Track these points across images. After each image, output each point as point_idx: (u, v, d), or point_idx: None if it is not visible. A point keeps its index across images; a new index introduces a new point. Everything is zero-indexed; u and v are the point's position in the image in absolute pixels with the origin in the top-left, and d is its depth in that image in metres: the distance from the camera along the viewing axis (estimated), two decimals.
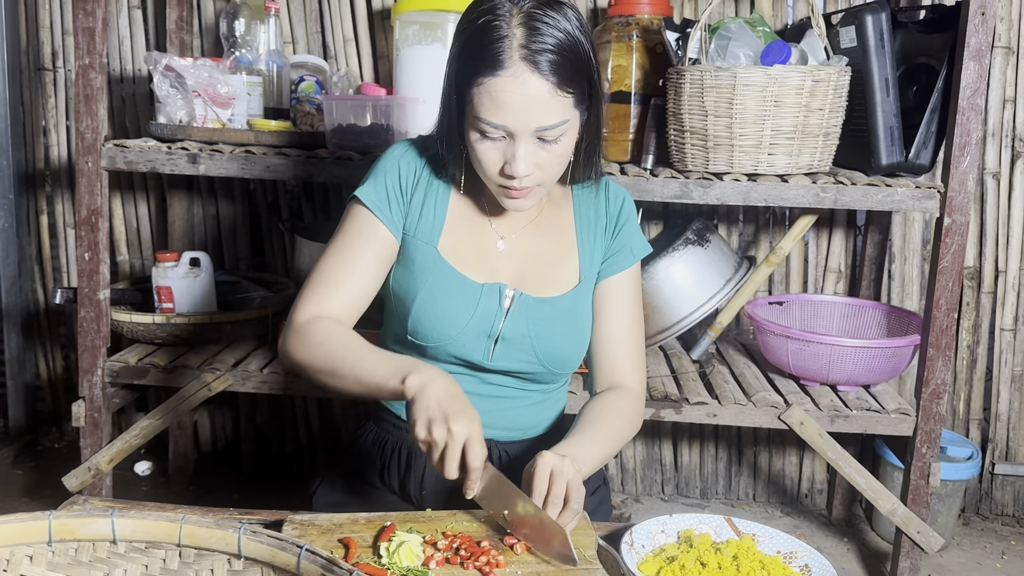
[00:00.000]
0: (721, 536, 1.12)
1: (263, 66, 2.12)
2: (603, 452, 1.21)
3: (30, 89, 2.60)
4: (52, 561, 0.84)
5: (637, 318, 1.34)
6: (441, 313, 1.22)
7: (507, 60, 1.09)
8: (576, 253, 1.31)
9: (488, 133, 1.13)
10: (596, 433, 1.22)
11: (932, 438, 1.91)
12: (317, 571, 0.79)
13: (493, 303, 1.24)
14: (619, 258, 1.32)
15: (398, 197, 1.25)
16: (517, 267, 1.28)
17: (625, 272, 1.32)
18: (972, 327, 2.46)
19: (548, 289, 1.28)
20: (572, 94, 1.12)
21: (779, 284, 2.49)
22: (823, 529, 2.47)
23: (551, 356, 1.27)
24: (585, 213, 1.32)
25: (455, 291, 1.23)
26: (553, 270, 1.29)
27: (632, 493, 2.63)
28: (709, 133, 1.84)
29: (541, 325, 1.26)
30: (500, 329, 1.25)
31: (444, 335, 1.23)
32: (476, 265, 1.26)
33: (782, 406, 1.93)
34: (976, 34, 1.77)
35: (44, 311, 2.75)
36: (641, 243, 1.35)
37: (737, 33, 1.87)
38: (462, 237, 1.27)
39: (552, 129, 1.12)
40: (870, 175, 1.93)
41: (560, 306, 1.27)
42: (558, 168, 1.19)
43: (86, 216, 1.95)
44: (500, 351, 1.26)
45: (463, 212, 1.28)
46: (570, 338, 1.29)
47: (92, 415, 2.02)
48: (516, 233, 1.29)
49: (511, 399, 1.31)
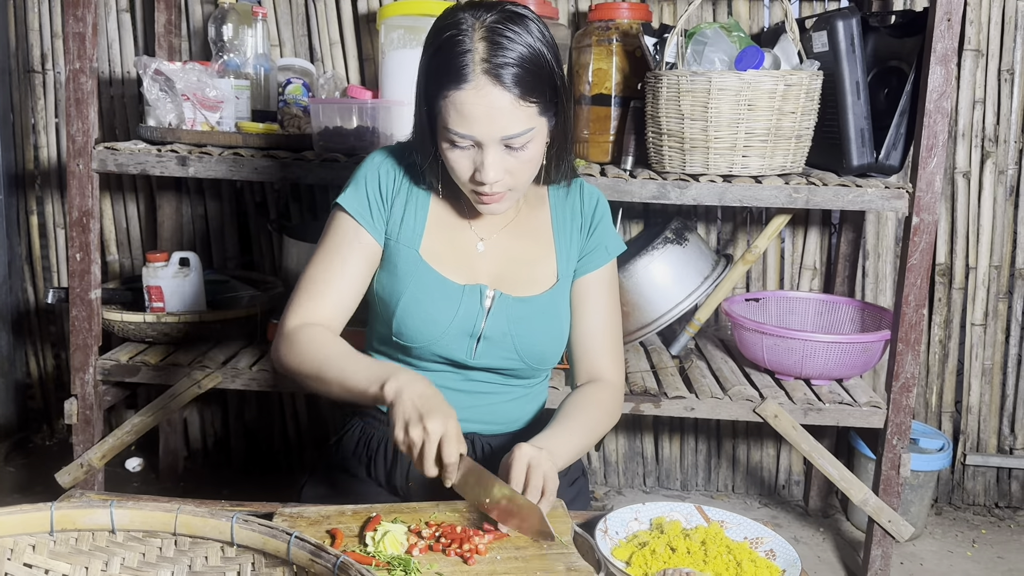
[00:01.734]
0: (691, 523, 1.18)
1: (251, 69, 2.16)
2: (579, 443, 1.26)
3: (19, 91, 2.63)
4: (54, 550, 0.88)
5: (614, 313, 1.39)
6: (424, 315, 1.27)
7: (470, 74, 1.14)
8: (553, 253, 1.36)
9: (457, 143, 1.19)
10: (573, 425, 1.27)
11: (902, 430, 1.98)
12: (306, 557, 0.84)
13: (474, 303, 1.29)
14: (594, 256, 1.37)
15: (379, 203, 1.30)
16: (497, 267, 1.33)
17: (601, 269, 1.37)
18: (944, 322, 2.53)
19: (527, 288, 1.33)
20: (535, 103, 1.17)
21: (756, 281, 2.55)
22: (800, 520, 2.53)
23: (531, 353, 1.33)
24: (561, 214, 1.37)
25: (437, 293, 1.28)
26: (532, 270, 1.34)
27: (614, 485, 2.69)
28: (686, 136, 1.89)
29: (521, 323, 1.31)
30: (482, 329, 1.30)
31: (427, 336, 1.28)
32: (457, 267, 1.31)
33: (757, 400, 1.99)
34: (943, 39, 1.83)
35: (34, 310, 2.78)
36: (616, 241, 1.39)
37: (713, 38, 1.93)
38: (443, 240, 1.32)
39: (517, 137, 1.17)
40: (842, 176, 1.99)
41: (539, 304, 1.33)
42: (528, 173, 1.23)
43: (77, 217, 1.98)
44: (482, 349, 1.31)
45: (443, 216, 1.33)
46: (549, 335, 1.34)
47: (84, 412, 2.06)
48: (495, 235, 1.34)
49: (494, 394, 1.36)
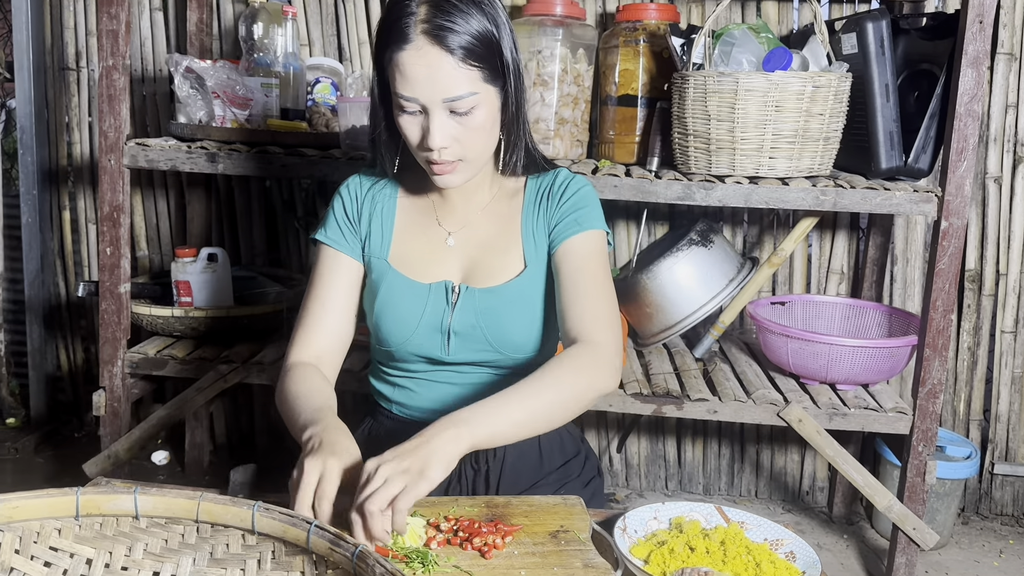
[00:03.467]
0: (711, 523, 1.17)
1: (280, 68, 2.18)
2: (522, 407, 1.13)
3: (54, 88, 2.68)
4: (79, 535, 0.90)
5: (595, 278, 1.29)
6: (394, 317, 1.32)
7: (411, 35, 1.17)
8: (520, 239, 1.34)
9: (405, 107, 1.21)
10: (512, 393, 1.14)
11: (928, 436, 1.95)
12: (325, 546, 0.85)
13: (440, 300, 1.32)
14: (565, 226, 1.32)
15: (348, 225, 1.36)
16: (467, 260, 1.35)
17: (574, 238, 1.30)
18: (973, 329, 2.50)
19: (494, 278, 1.33)
20: (476, 67, 1.18)
21: (782, 284, 2.54)
22: (824, 526, 2.51)
23: (504, 342, 1.32)
24: (532, 200, 1.36)
25: (404, 295, 1.32)
26: (499, 259, 1.34)
27: (636, 488, 2.68)
28: (712, 137, 1.89)
29: (489, 315, 1.31)
30: (450, 323, 1.31)
31: (400, 336, 1.32)
32: (426, 267, 1.34)
33: (781, 403, 1.98)
34: (974, 42, 1.80)
35: (65, 304, 2.82)
36: (591, 216, 1.32)
37: (740, 39, 1.92)
38: (412, 242, 1.35)
39: (459, 100, 1.18)
40: (870, 179, 1.97)
41: (506, 293, 1.32)
42: (477, 143, 1.23)
43: (108, 212, 2.01)
44: (455, 344, 1.32)
45: (412, 218, 1.37)
46: (520, 322, 1.32)
47: (112, 404, 2.09)
48: (464, 228, 1.36)
49: (489, 384, 1.36)
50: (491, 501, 1.16)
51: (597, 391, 1.21)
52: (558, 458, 1.42)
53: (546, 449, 1.41)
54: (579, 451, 1.46)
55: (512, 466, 1.38)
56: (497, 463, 1.38)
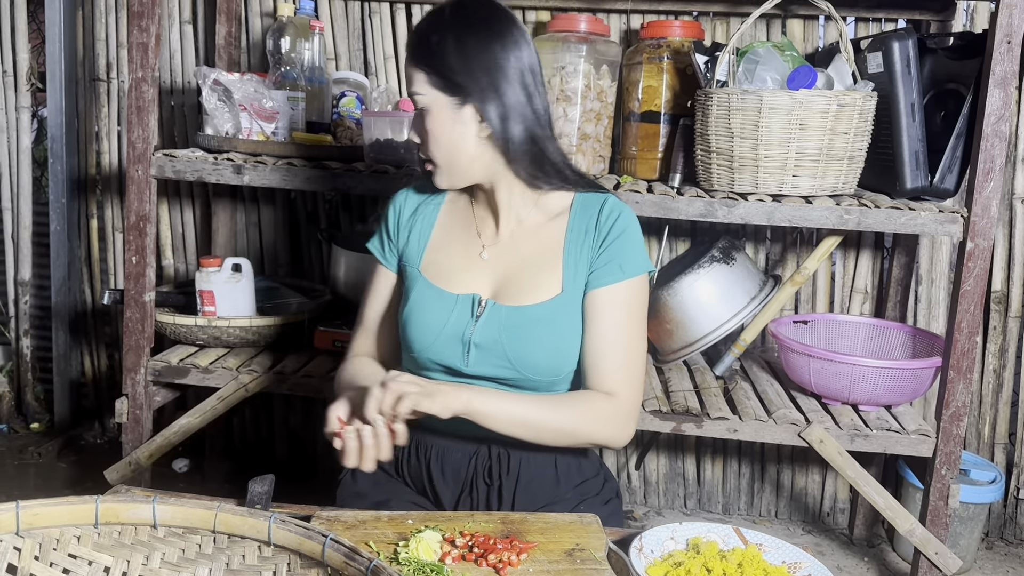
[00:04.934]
0: (728, 544, 1.16)
1: (306, 82, 2.20)
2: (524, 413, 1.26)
3: (84, 98, 2.72)
4: (98, 542, 0.91)
5: (627, 333, 1.32)
6: (419, 322, 1.35)
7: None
8: (560, 263, 1.34)
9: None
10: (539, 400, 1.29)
11: (952, 460, 1.93)
12: (340, 559, 0.85)
13: (466, 311, 1.34)
14: (606, 271, 1.32)
15: (391, 238, 1.45)
16: (499, 275, 1.36)
17: (613, 286, 1.32)
18: (998, 351, 2.46)
19: (526, 297, 1.33)
20: (423, 71, 1.29)
21: (805, 303, 2.52)
22: (844, 548, 2.48)
23: (525, 362, 1.31)
24: (578, 226, 1.35)
25: (432, 302, 1.36)
26: (534, 278, 1.34)
27: (654, 506, 2.67)
28: (735, 154, 1.88)
29: (513, 332, 1.31)
30: (472, 335, 1.32)
31: (422, 342, 1.35)
32: (457, 277, 1.37)
33: (802, 423, 1.96)
34: (1002, 62, 1.79)
35: (91, 311, 2.86)
36: (634, 262, 1.33)
37: (765, 57, 1.92)
38: (447, 253, 1.40)
39: (414, 97, 1.31)
40: (895, 198, 1.96)
41: (535, 314, 1.32)
42: (435, 145, 1.32)
43: (135, 222, 2.04)
44: (475, 357, 1.33)
45: (452, 229, 1.42)
46: (545, 346, 1.31)
47: (134, 412, 2.11)
48: (501, 243, 1.37)
49: None
50: (507, 517, 1.16)
51: (600, 441, 1.31)
52: (575, 478, 1.41)
53: (563, 470, 1.40)
54: (598, 472, 1.46)
55: (526, 484, 1.37)
56: (511, 479, 1.37)
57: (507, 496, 1.38)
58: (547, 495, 1.39)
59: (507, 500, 1.38)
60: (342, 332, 2.18)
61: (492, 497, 1.39)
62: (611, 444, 1.32)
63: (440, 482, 1.40)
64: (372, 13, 2.50)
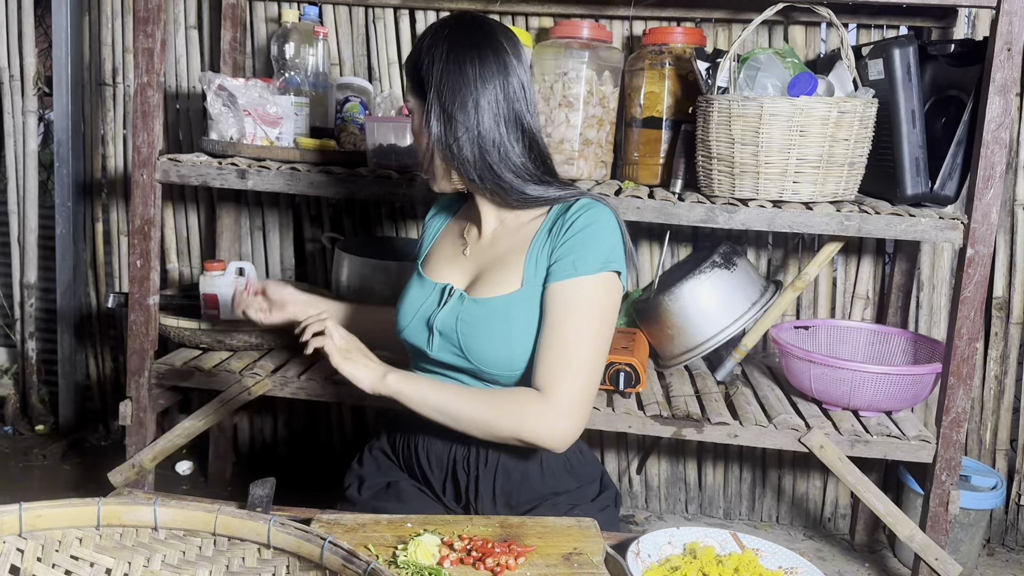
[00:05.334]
0: (725, 549, 1.17)
1: (310, 87, 2.21)
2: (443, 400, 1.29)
3: (90, 103, 2.74)
4: (99, 544, 0.92)
5: (571, 331, 1.28)
6: (404, 305, 1.45)
7: None
8: (524, 259, 1.35)
9: None
10: (455, 388, 1.33)
11: (952, 465, 1.93)
12: (338, 562, 0.86)
13: (436, 298, 1.41)
14: (560, 267, 1.30)
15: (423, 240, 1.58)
16: (474, 270, 1.41)
17: (564, 282, 1.30)
18: (1000, 357, 2.47)
19: (489, 291, 1.36)
20: (408, 73, 1.38)
21: (807, 309, 2.52)
22: (845, 554, 2.48)
23: (475, 353, 1.33)
24: (547, 226, 1.36)
25: (415, 288, 1.46)
26: (499, 274, 1.37)
27: (656, 511, 2.67)
28: (736, 160, 1.89)
29: (468, 323, 1.34)
30: (435, 322, 1.37)
31: (401, 323, 1.44)
32: (440, 269, 1.45)
33: (803, 429, 1.97)
34: (1002, 69, 1.80)
35: (96, 314, 2.88)
36: (589, 259, 1.30)
37: (766, 64, 1.92)
38: (440, 250, 1.50)
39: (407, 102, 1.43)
40: (896, 204, 1.96)
41: (492, 307, 1.33)
42: (416, 147, 1.42)
43: (139, 226, 2.05)
44: (437, 343, 1.37)
45: (450, 233, 1.52)
46: (496, 339, 1.32)
47: (138, 415, 2.12)
48: (482, 241, 1.43)
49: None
50: (505, 521, 1.17)
51: (526, 439, 1.27)
52: (567, 480, 1.42)
53: (548, 468, 1.41)
54: (596, 479, 1.46)
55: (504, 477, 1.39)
56: (488, 471, 1.39)
57: (485, 487, 1.39)
58: (531, 492, 1.40)
59: (486, 491, 1.39)
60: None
61: (471, 487, 1.40)
62: (540, 443, 1.26)
63: (428, 469, 1.44)
64: (376, 19, 2.52)
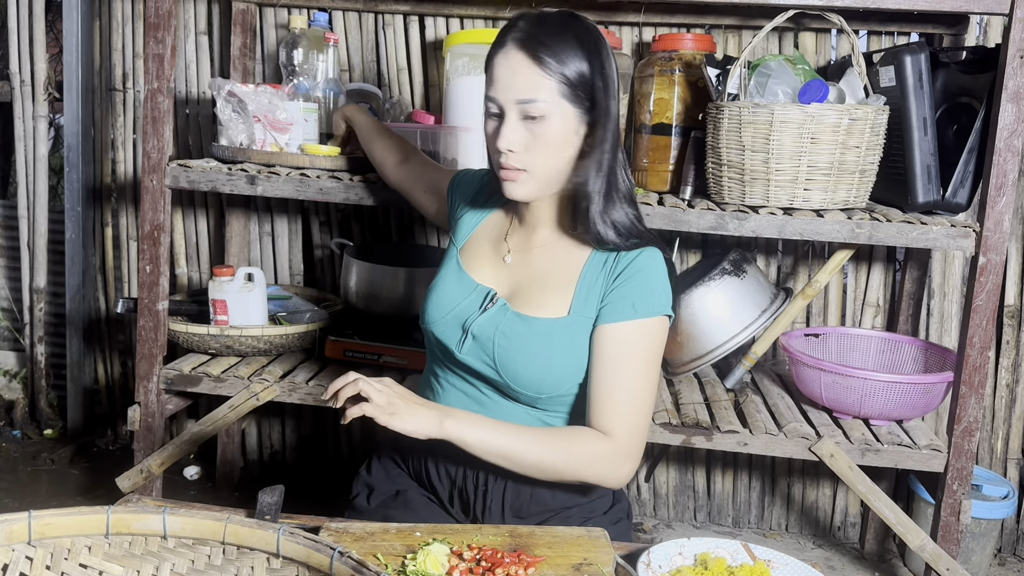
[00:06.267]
0: (737, 560, 1.16)
1: (320, 93, 2.21)
2: (506, 444, 1.24)
3: (101, 108, 2.75)
4: (108, 552, 0.92)
5: (632, 373, 1.28)
6: (437, 296, 1.41)
7: (505, 41, 1.27)
8: (574, 287, 1.33)
9: (489, 109, 1.30)
10: (530, 433, 1.27)
11: (963, 475, 1.92)
12: (348, 572, 0.86)
13: (477, 301, 1.37)
14: (618, 308, 1.29)
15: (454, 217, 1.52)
16: (515, 281, 1.38)
17: (623, 324, 1.28)
18: (1012, 366, 2.45)
19: (533, 309, 1.33)
20: (554, 78, 1.24)
21: (817, 316, 2.51)
22: (855, 563, 2.47)
23: (508, 369, 1.31)
24: (599, 256, 1.34)
25: (454, 282, 1.41)
26: (543, 294, 1.34)
27: (664, 519, 2.66)
28: (746, 167, 1.88)
29: (508, 337, 1.31)
30: (472, 325, 1.34)
31: (433, 315, 1.40)
32: (482, 269, 1.41)
33: (813, 438, 1.96)
34: (1015, 76, 1.79)
35: (105, 319, 2.88)
36: (648, 302, 1.29)
37: (776, 71, 1.92)
38: (481, 245, 1.44)
39: (530, 104, 1.24)
40: (907, 212, 1.95)
41: (536, 328, 1.31)
42: (541, 155, 1.27)
43: (149, 231, 2.06)
44: (468, 346, 1.35)
45: (492, 228, 1.46)
46: (533, 361, 1.30)
47: (146, 420, 2.12)
48: (525, 253, 1.39)
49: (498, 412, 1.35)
50: (515, 531, 1.17)
51: (589, 480, 1.29)
52: (578, 495, 1.40)
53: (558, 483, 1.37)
54: (607, 491, 1.43)
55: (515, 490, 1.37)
56: (499, 484, 1.37)
57: (495, 503, 1.38)
58: (541, 507, 1.38)
59: (495, 504, 1.38)
60: (353, 342, 2.19)
61: (478, 502, 1.39)
62: (603, 484, 1.30)
63: (437, 481, 1.42)
64: (386, 25, 2.52)
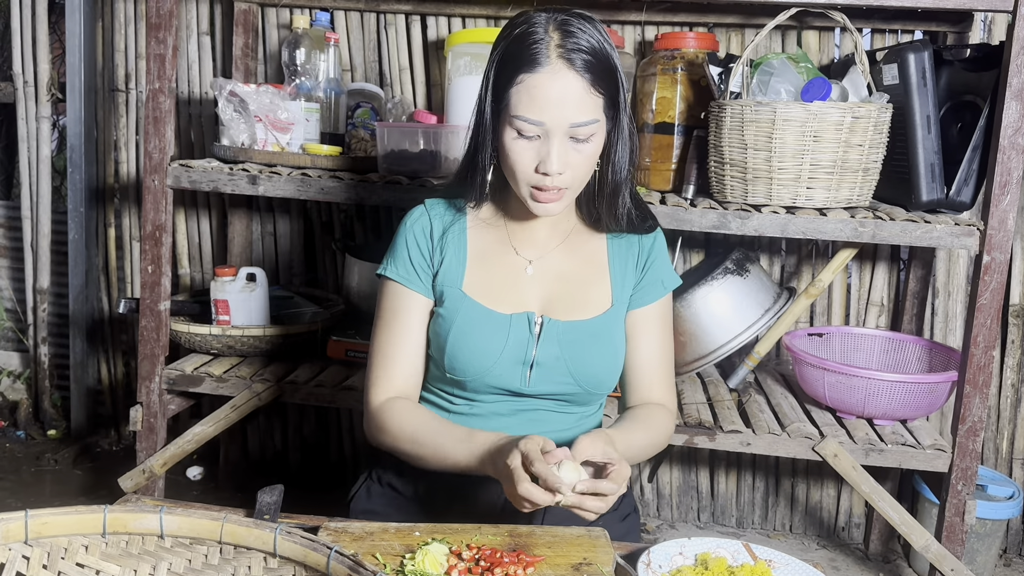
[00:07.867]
0: (737, 560, 1.15)
1: (322, 93, 2.21)
2: (642, 441, 1.31)
3: (103, 109, 2.75)
4: (105, 552, 0.91)
5: (668, 343, 1.40)
6: (472, 347, 1.28)
7: (545, 58, 1.17)
8: (608, 277, 1.35)
9: (524, 131, 1.20)
10: (635, 426, 1.32)
11: (968, 475, 1.91)
12: (344, 571, 0.85)
13: (523, 331, 1.30)
14: (650, 290, 1.37)
15: (422, 262, 1.33)
16: (547, 290, 1.33)
17: (656, 303, 1.38)
18: (1016, 365, 2.44)
19: (578, 312, 1.32)
20: (603, 95, 1.20)
21: (821, 316, 2.50)
22: (859, 563, 2.46)
23: (587, 377, 1.32)
24: (617, 241, 1.37)
25: (484, 325, 1.29)
26: (583, 292, 1.34)
27: (668, 519, 2.65)
28: (748, 166, 1.88)
29: (574, 347, 1.30)
30: (534, 356, 1.30)
31: (479, 368, 1.29)
32: (504, 296, 1.31)
33: (817, 437, 1.95)
34: (1019, 74, 1.78)
35: (107, 319, 2.88)
36: (671, 276, 1.40)
37: (779, 69, 1.91)
38: (488, 271, 1.33)
39: (584, 127, 1.19)
40: (911, 211, 1.94)
41: (591, 328, 1.32)
42: (586, 170, 1.24)
43: (151, 231, 2.06)
44: (536, 376, 1.30)
45: (486, 246, 1.34)
46: (604, 359, 1.33)
47: (149, 420, 2.12)
48: (544, 257, 1.34)
49: (548, 422, 1.35)
50: (514, 530, 1.16)
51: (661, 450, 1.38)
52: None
53: None
54: None
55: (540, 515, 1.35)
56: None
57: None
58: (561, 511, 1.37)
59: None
60: (355, 342, 2.18)
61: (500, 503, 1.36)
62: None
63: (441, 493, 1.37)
64: (387, 25, 2.51)
